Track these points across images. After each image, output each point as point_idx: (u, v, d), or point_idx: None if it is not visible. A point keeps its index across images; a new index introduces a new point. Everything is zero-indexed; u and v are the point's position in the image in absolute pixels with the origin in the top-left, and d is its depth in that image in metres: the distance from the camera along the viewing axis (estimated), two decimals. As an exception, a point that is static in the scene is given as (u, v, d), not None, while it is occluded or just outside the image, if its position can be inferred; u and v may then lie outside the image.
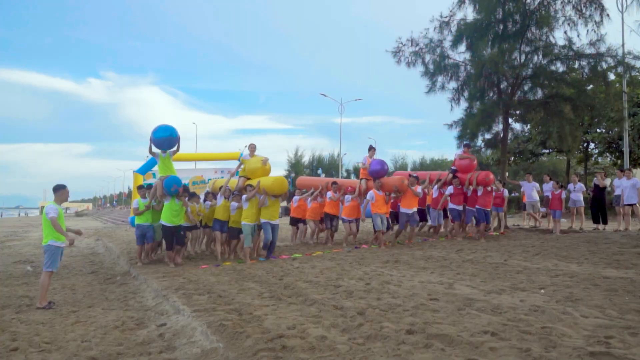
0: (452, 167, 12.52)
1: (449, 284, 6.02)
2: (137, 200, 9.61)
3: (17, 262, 10.85)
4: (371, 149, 11.92)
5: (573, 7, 13.59)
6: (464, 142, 13.33)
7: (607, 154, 28.70)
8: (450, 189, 11.76)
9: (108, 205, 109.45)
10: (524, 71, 14.27)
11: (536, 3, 13.74)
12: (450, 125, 15.49)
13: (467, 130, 14.97)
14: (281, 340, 3.86)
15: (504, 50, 13.93)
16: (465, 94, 15.19)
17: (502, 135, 15.19)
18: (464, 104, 15.44)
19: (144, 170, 21.69)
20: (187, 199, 9.33)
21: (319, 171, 48.17)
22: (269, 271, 7.66)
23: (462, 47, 14.71)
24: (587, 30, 13.60)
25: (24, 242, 16.79)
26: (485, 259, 8.11)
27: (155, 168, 22.31)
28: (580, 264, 7.12)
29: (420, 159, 59.93)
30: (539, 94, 14.96)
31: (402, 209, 11.07)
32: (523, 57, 14.42)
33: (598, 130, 26.38)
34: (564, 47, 14.05)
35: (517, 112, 16.12)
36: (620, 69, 14.13)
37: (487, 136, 15.83)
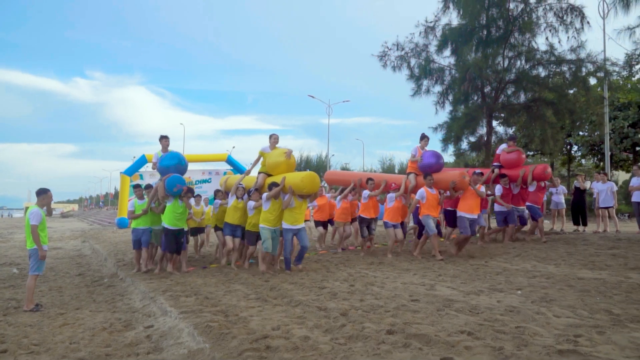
0: (495, 164, 11.10)
1: (431, 285, 6.20)
2: (132, 202, 8.78)
3: (3, 264, 10.82)
4: (423, 137, 10.04)
5: (555, 14, 13.91)
6: (509, 135, 11.73)
7: (590, 156, 29.31)
8: (498, 189, 10.40)
9: (94, 206, 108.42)
10: (507, 76, 14.55)
11: (519, 9, 14.02)
12: (435, 129, 15.74)
13: (452, 133, 15.24)
14: (266, 340, 3.99)
15: (487, 55, 14.19)
16: (450, 97, 15.43)
17: (486, 138, 15.47)
18: (448, 108, 15.69)
19: (131, 171, 21.67)
20: (191, 199, 8.70)
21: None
22: (255, 273, 7.78)
23: (447, 52, 14.95)
24: (568, 37, 13.94)
25: (9, 244, 16.68)
26: (467, 260, 8.32)
27: (143, 169, 22.37)
28: (558, 266, 7.35)
29: (408, 160, 60.42)
30: (522, 98, 15.25)
31: (462, 213, 9.02)
32: (506, 62, 14.69)
33: (581, 133, 26.92)
34: (545, 52, 14.36)
35: (501, 115, 16.42)
36: (600, 74, 14.44)
37: (472, 139, 16.13)
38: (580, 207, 13.00)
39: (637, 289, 5.50)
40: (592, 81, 15.39)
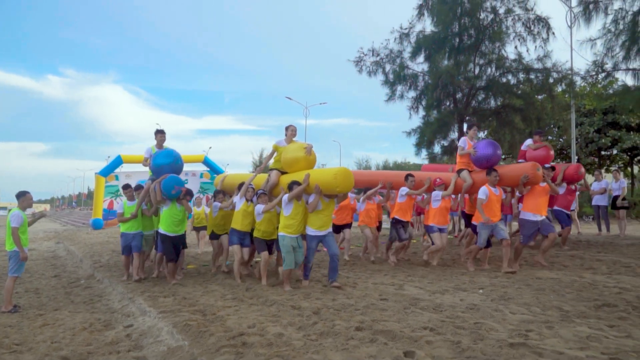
0: (520, 161, 9.56)
1: (400, 285, 6.53)
2: (121, 203, 8.04)
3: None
4: (471, 126, 8.59)
5: (523, 24, 14.53)
6: (536, 130, 10.15)
7: (558, 160, 30.33)
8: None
9: (66, 206, 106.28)
10: (477, 82, 15.11)
11: (489, 19, 14.58)
12: (409, 133, 16.21)
13: (425, 137, 15.74)
14: (242, 337, 4.24)
15: (459, 63, 14.73)
16: (423, 103, 15.94)
17: (457, 142, 15.98)
18: (422, 112, 16.23)
19: (106, 172, 21.55)
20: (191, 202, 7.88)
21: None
22: (231, 275, 7.98)
23: (421, 58, 15.47)
24: (536, 46, 14.59)
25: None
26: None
27: (119, 170, 22.22)
28: (520, 266, 7.77)
29: (384, 161, 61.15)
30: (492, 104, 15.86)
31: (527, 214, 7.66)
32: (477, 69, 15.25)
33: (550, 137, 27.87)
34: (514, 61, 14.98)
35: (473, 119, 16.99)
36: (565, 82, 15.09)
37: (444, 143, 16.65)
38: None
39: (587, 288, 5.94)
40: (560, 88, 16.08)
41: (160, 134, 8.30)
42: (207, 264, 9.35)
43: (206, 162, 24.32)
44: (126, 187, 8.30)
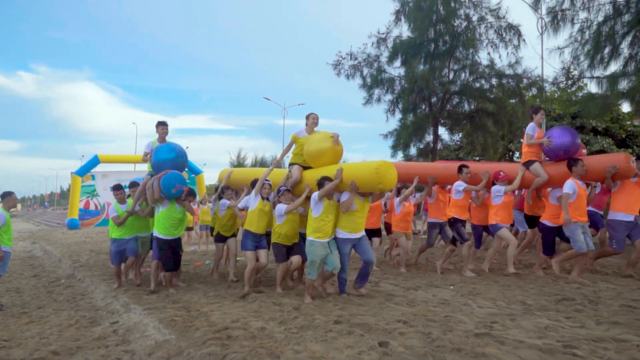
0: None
1: (376, 282, 6.84)
2: (112, 207, 7.18)
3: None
4: (537, 110, 7.35)
5: (495, 31, 15.10)
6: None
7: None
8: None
9: (38, 206, 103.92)
10: (452, 87, 15.63)
11: (463, 26, 15.11)
12: (386, 135, 16.62)
13: (401, 140, 16.18)
14: (227, 331, 4.48)
15: (434, 68, 15.21)
16: (400, 106, 16.38)
17: (432, 145, 16.47)
18: (398, 115, 16.67)
19: (83, 171, 21.43)
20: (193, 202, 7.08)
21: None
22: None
23: (397, 63, 15.93)
24: (507, 53, 15.17)
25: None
26: (411, 259, 9.05)
27: (95, 170, 22.07)
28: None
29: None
30: (466, 108, 16.41)
31: (618, 215, 6.77)
32: (452, 74, 15.78)
33: (521, 140, 28.74)
34: (487, 66, 15.54)
35: (447, 123, 17.53)
36: (535, 88, 15.72)
37: (420, 145, 17.13)
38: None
39: (550, 284, 6.36)
40: (531, 93, 16.73)
41: (162, 126, 7.47)
42: (186, 264, 9.49)
43: (184, 162, 24.21)
44: (117, 187, 7.35)
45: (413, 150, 17.22)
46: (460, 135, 25.23)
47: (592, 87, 13.40)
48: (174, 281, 6.90)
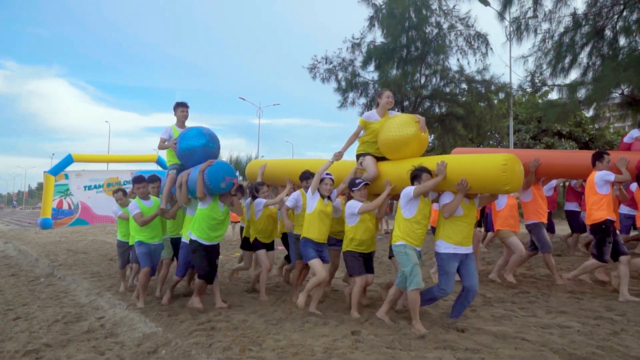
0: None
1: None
2: (135, 203, 5.94)
3: None
4: None
5: (464, 39, 15.75)
6: None
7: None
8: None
9: (4, 205, 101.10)
10: (423, 92, 16.21)
11: (434, 33, 15.71)
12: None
13: (375, 142, 16.67)
14: (210, 323, 4.82)
15: (407, 73, 15.77)
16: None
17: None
18: (372, 119, 17.15)
19: (56, 170, 21.24)
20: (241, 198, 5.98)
21: (237, 173, 48.42)
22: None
23: (371, 67, 16.43)
24: (475, 60, 15.85)
25: None
26: (382, 257, 9.54)
27: (70, 168, 21.89)
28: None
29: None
30: (437, 111, 17.04)
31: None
32: (423, 79, 16.37)
33: (491, 142, 29.72)
34: (457, 72, 16.19)
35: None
36: (502, 94, 16.46)
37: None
38: (482, 211, 14.75)
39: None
40: (498, 98, 17.46)
41: (181, 107, 6.40)
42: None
43: (159, 162, 24.34)
44: (139, 180, 6.11)
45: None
46: (432, 137, 26.09)
47: (554, 94, 14.14)
48: (218, 303, 5.63)
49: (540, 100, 21.33)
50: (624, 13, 11.20)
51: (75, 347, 4.48)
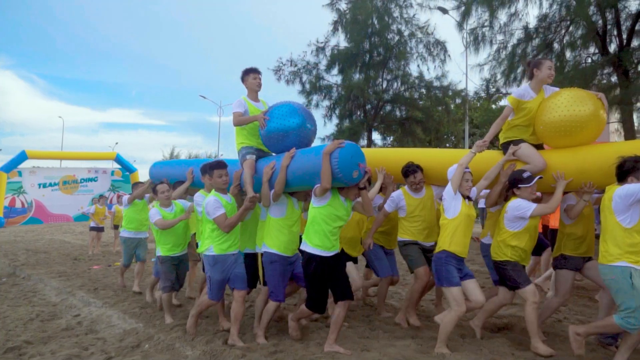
0: None
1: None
2: (215, 199, 4.36)
3: None
4: None
5: (424, 46, 16.43)
6: None
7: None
8: None
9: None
10: (385, 96, 16.79)
11: (396, 40, 16.31)
12: (323, 139, 17.48)
13: (338, 144, 17.14)
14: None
15: (369, 77, 16.29)
16: (337, 112, 17.33)
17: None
18: (335, 120, 17.63)
19: (9, 167, 20.51)
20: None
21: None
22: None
23: (335, 71, 16.88)
24: (435, 66, 16.58)
25: None
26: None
27: (23, 166, 21.19)
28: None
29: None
30: (397, 115, 17.68)
31: None
32: (385, 83, 16.95)
33: (447, 145, 30.89)
34: (417, 77, 16.87)
35: (381, 127, 18.77)
36: (459, 100, 17.27)
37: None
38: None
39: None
40: (455, 102, 18.27)
41: (253, 73, 4.95)
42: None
43: (118, 159, 23.92)
44: (218, 166, 4.52)
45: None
46: (392, 140, 26.94)
47: (506, 101, 15.04)
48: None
49: (493, 106, 22.57)
50: (570, 29, 12.08)
51: (57, 344, 4.59)
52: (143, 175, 22.78)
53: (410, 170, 4.70)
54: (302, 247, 4.15)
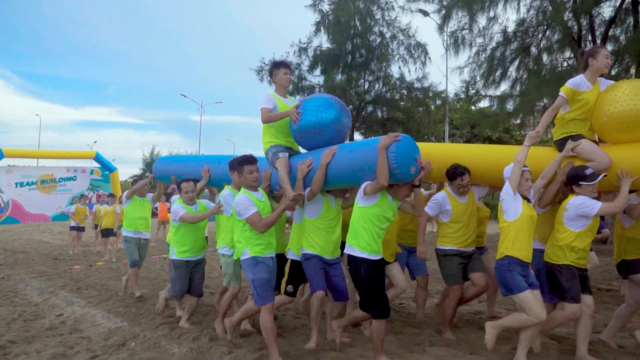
0: None
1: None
2: (246, 197, 3.94)
3: None
4: None
5: (405, 48, 16.66)
6: None
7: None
8: None
9: None
10: (367, 97, 16.96)
11: (377, 42, 16.49)
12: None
13: (320, 144, 17.27)
14: (174, 317, 5.09)
15: (351, 78, 16.44)
16: (319, 112, 17.43)
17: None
18: (317, 121, 17.74)
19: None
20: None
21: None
22: (144, 267, 8.55)
23: (317, 72, 16.99)
24: (416, 68, 16.82)
25: None
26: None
27: (-1, 165, 20.74)
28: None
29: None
30: (379, 116, 17.89)
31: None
32: (367, 84, 17.13)
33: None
34: (398, 79, 17.09)
35: (363, 127, 18.94)
36: (439, 101, 17.56)
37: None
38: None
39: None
40: (435, 104, 18.55)
41: (283, 68, 4.68)
42: (116, 262, 9.72)
43: (98, 158, 23.66)
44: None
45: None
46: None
47: (486, 102, 15.35)
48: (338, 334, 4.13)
49: (472, 107, 23.03)
50: (547, 33, 12.41)
51: (41, 343, 4.60)
52: (123, 173, 22.54)
53: (457, 172, 4.27)
54: (347, 251, 3.80)
